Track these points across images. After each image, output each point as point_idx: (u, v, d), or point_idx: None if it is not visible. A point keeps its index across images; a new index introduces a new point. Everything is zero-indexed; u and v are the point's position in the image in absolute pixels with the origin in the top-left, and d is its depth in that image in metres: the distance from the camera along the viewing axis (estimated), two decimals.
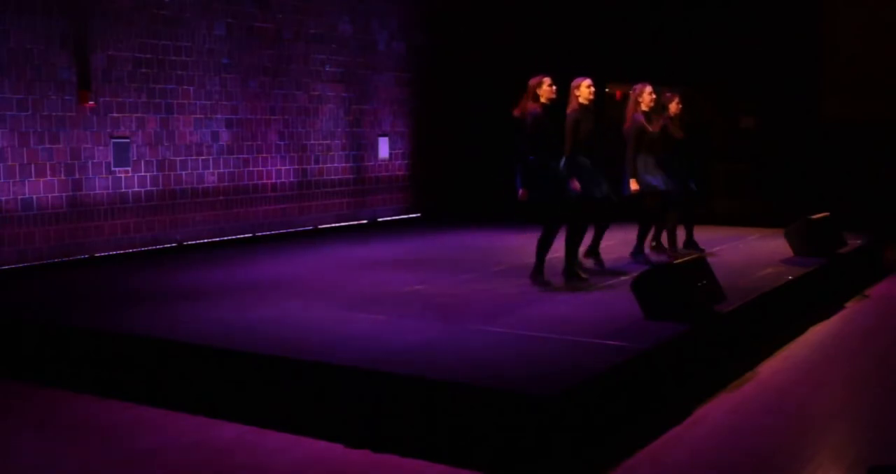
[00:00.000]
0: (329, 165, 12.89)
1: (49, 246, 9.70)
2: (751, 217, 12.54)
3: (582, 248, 8.45)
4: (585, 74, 8.41)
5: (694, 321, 6.36)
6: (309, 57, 12.54)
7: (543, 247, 7.91)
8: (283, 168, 12.21)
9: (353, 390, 5.28)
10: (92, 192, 10.07)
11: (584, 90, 8.24)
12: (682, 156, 9.40)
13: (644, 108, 8.97)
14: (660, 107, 9.29)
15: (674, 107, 9.43)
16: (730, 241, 10.67)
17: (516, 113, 7.84)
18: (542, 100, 7.77)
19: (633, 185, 8.89)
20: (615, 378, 5.31)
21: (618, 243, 9.60)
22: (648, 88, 9.00)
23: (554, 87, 7.82)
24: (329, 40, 12.84)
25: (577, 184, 8.03)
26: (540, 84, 7.79)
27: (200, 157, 11.20)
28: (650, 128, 8.92)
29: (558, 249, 8.18)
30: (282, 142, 12.20)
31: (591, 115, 8.27)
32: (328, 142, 12.87)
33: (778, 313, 7.70)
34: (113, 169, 10.26)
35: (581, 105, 8.22)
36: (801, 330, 7.73)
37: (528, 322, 6.53)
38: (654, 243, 9.46)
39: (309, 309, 7.11)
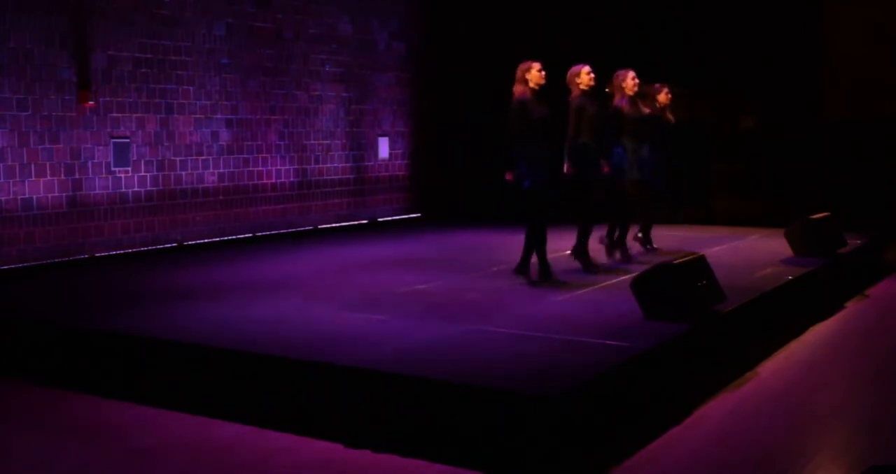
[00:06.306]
0: (329, 165, 12.88)
1: (49, 246, 9.69)
2: (751, 217, 12.53)
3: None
4: None
5: (694, 321, 6.36)
6: (309, 57, 12.54)
7: (534, 241, 7.87)
8: (283, 168, 12.21)
9: (353, 390, 5.28)
10: (92, 192, 10.06)
11: (584, 77, 8.24)
12: (672, 147, 9.41)
13: (629, 92, 8.99)
14: (650, 98, 9.35)
15: (663, 97, 9.49)
16: (730, 241, 10.67)
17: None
18: (532, 85, 7.73)
19: (605, 168, 8.91)
20: (615, 378, 5.31)
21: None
22: (631, 73, 9.02)
23: (543, 73, 7.75)
24: (329, 40, 12.83)
25: (568, 168, 8.12)
26: (529, 69, 7.73)
27: (200, 157, 11.19)
28: (628, 109, 8.92)
29: (558, 248, 8.16)
30: (282, 142, 12.19)
31: (594, 101, 8.28)
32: (328, 142, 12.87)
33: (778, 313, 7.69)
34: (113, 169, 10.25)
35: (583, 91, 8.23)
36: (801, 330, 7.72)
37: (528, 322, 6.53)
38: (648, 245, 9.52)
39: (309, 309, 7.11)
